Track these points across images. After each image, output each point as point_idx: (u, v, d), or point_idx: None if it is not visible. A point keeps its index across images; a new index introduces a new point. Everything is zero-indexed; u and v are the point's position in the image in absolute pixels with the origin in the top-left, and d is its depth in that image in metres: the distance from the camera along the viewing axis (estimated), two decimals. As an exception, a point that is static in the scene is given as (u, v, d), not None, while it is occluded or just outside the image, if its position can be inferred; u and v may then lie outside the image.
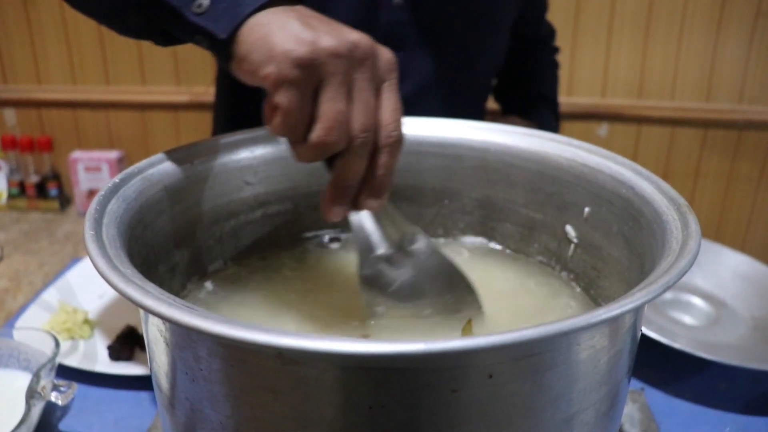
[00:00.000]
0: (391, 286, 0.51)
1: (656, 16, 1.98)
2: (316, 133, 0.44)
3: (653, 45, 2.01)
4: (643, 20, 1.98)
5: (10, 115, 2.42)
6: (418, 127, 0.64)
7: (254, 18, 0.45)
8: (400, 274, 0.52)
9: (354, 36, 0.44)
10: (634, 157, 2.05)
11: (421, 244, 0.53)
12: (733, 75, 2.00)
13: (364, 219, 0.51)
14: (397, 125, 0.46)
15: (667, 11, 1.97)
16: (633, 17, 1.99)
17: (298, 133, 0.45)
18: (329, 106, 0.43)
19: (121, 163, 2.38)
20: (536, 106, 1.16)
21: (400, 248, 0.53)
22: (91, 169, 2.35)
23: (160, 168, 0.52)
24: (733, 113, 2.03)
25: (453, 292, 0.53)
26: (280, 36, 0.43)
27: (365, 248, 0.51)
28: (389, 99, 0.46)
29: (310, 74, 0.43)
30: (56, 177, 2.43)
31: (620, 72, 2.05)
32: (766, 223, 2.14)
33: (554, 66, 1.22)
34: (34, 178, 2.41)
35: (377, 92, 0.46)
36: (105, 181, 2.31)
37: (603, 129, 2.11)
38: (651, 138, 2.08)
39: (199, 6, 0.47)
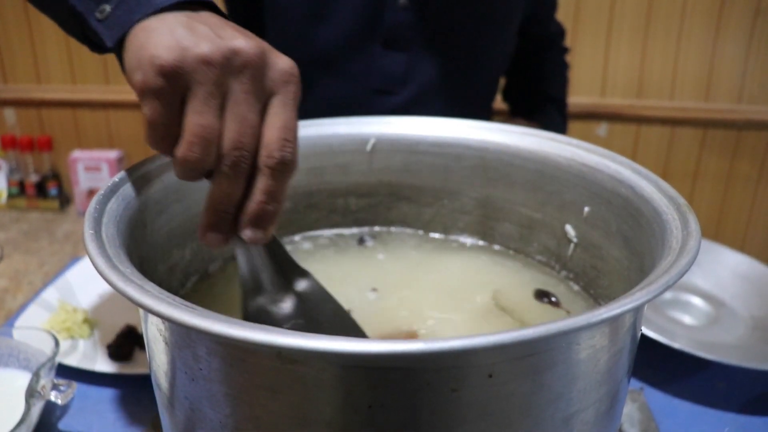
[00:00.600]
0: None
1: (655, 16, 1.98)
2: (179, 148, 0.40)
3: (652, 45, 2.01)
4: (642, 20, 1.98)
5: (9, 114, 2.42)
6: (416, 127, 0.64)
7: (143, 23, 0.42)
8: (288, 317, 0.47)
9: (239, 42, 0.39)
10: (633, 157, 2.05)
11: (311, 287, 0.48)
12: (733, 75, 2.00)
13: (248, 250, 0.45)
14: (283, 145, 0.40)
15: (667, 11, 1.97)
16: (632, 17, 1.99)
17: (166, 146, 0.41)
18: (193, 118, 0.39)
19: (121, 163, 2.38)
20: (544, 107, 1.16)
21: (289, 289, 0.48)
22: (90, 168, 2.35)
23: (160, 167, 0.52)
24: (733, 113, 2.03)
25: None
26: (155, 42, 0.39)
27: (249, 285, 0.46)
28: (278, 115, 0.41)
29: (174, 83, 0.39)
30: (56, 176, 2.43)
31: (619, 72, 2.05)
32: (765, 223, 2.14)
33: (563, 66, 1.21)
34: (33, 178, 2.41)
35: (263, 106, 0.41)
36: (105, 180, 2.31)
37: (602, 129, 2.11)
38: (650, 138, 2.08)
39: (101, 12, 0.44)
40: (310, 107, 0.94)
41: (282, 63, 0.41)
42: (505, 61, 1.07)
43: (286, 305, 0.47)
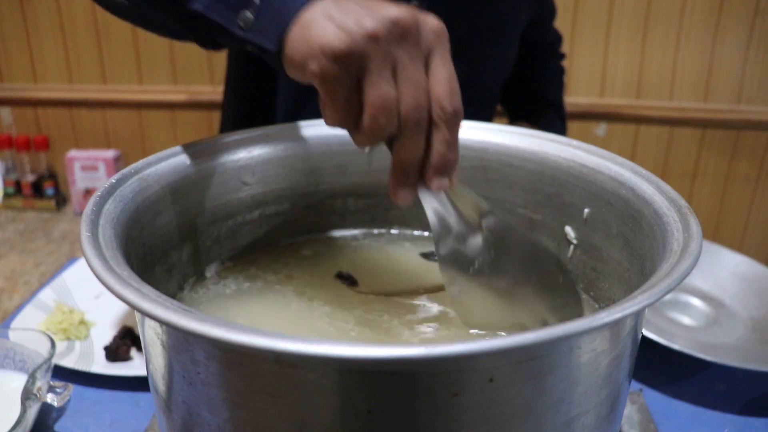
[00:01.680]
0: (472, 265, 0.50)
1: (654, 17, 1.98)
2: (365, 121, 0.43)
3: (651, 45, 2.01)
4: (641, 20, 1.98)
5: (6, 113, 2.41)
6: (416, 127, 0.64)
7: (296, 20, 0.44)
8: (479, 252, 0.50)
9: (392, 12, 0.42)
10: (632, 157, 2.06)
11: (496, 221, 0.51)
12: (731, 75, 2.01)
13: (435, 198, 0.48)
14: (451, 96, 0.44)
15: (666, 11, 1.97)
16: (631, 17, 1.99)
17: (349, 123, 0.44)
18: (372, 91, 0.42)
19: (118, 162, 2.38)
20: (544, 111, 1.16)
21: (476, 227, 0.50)
22: (87, 168, 2.34)
23: (158, 168, 0.51)
24: (731, 113, 2.03)
25: (538, 269, 0.51)
26: (318, 32, 0.42)
27: (439, 231, 0.49)
28: (439, 69, 0.44)
29: (349, 65, 0.41)
30: (52, 176, 2.43)
31: (618, 72, 2.05)
32: (764, 223, 2.15)
33: (561, 72, 1.22)
34: (30, 177, 2.40)
35: (426, 65, 0.44)
36: (102, 180, 2.31)
37: (601, 129, 2.11)
38: (649, 138, 2.08)
39: (245, 21, 0.47)
40: (313, 112, 0.94)
41: (431, 22, 0.44)
42: (508, 65, 1.06)
43: (476, 241, 0.49)
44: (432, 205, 0.48)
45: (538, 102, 1.18)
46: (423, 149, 0.45)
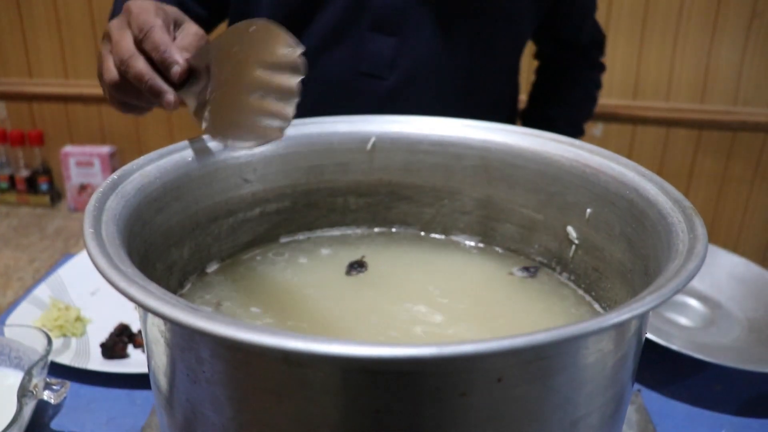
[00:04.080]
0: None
1: (652, 18, 1.98)
2: None
3: (648, 46, 2.01)
4: (638, 22, 1.99)
5: (0, 108, 2.39)
6: (417, 126, 0.64)
7: None
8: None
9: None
10: (628, 158, 2.05)
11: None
12: (728, 77, 2.01)
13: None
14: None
15: (663, 13, 1.97)
16: (629, 19, 2.00)
17: None
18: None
19: (113, 158, 2.37)
20: (538, 127, 1.10)
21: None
22: (82, 163, 2.33)
23: (159, 165, 0.51)
24: (728, 114, 2.04)
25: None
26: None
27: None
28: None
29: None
30: (47, 171, 2.41)
31: (616, 72, 2.05)
32: (759, 224, 2.16)
33: (582, 84, 1.10)
34: (24, 173, 2.39)
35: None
36: (97, 176, 2.30)
37: (598, 129, 2.12)
38: (646, 138, 2.09)
39: None
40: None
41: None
42: (515, 54, 1.00)
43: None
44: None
45: (546, 118, 1.08)
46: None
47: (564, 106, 1.09)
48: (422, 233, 0.67)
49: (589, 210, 0.56)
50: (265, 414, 0.34)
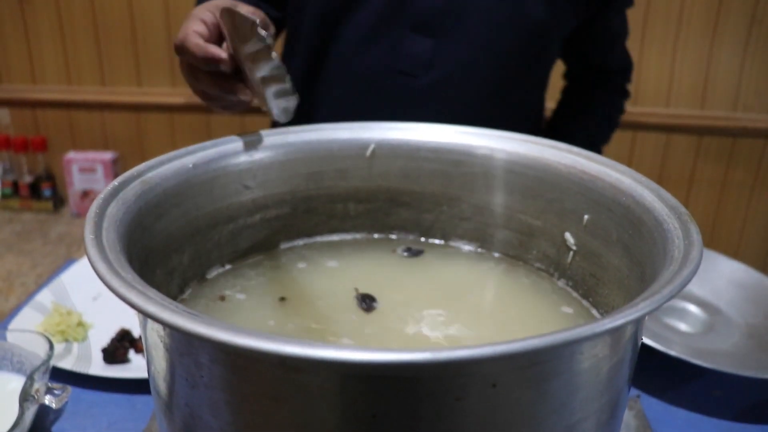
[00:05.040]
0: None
1: (652, 24, 1.99)
2: None
3: (649, 52, 2.02)
4: (638, 27, 1.99)
5: (4, 114, 2.41)
6: (416, 133, 0.64)
7: None
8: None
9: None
10: (628, 164, 2.05)
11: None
12: (728, 83, 2.02)
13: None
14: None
15: (663, 19, 1.98)
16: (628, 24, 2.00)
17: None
18: None
19: (116, 165, 2.38)
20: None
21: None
22: (85, 169, 2.34)
23: (160, 171, 0.52)
24: (728, 120, 2.04)
25: None
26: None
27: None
28: None
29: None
30: (50, 177, 2.42)
31: (616, 78, 2.05)
32: (760, 230, 2.16)
33: (605, 107, 1.11)
34: (27, 179, 2.40)
35: None
36: (99, 182, 2.30)
37: (598, 135, 2.12)
38: (646, 144, 2.09)
39: None
40: (336, 81, 0.97)
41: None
42: (544, 70, 1.02)
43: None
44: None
45: (564, 137, 1.09)
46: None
47: (584, 126, 1.11)
48: (422, 239, 0.67)
49: (586, 216, 0.56)
50: (263, 418, 0.35)
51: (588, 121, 1.11)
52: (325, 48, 0.96)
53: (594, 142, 1.11)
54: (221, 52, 0.61)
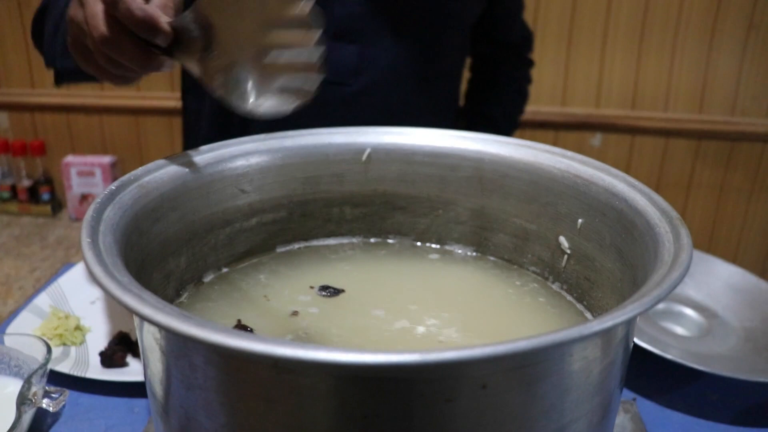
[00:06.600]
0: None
1: (650, 28, 1.99)
2: None
3: (647, 56, 2.02)
4: (637, 32, 2.00)
5: (2, 118, 2.41)
6: (412, 137, 0.64)
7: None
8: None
9: None
10: (627, 168, 2.07)
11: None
12: (726, 87, 2.02)
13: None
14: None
15: (661, 23, 1.98)
16: (627, 29, 2.01)
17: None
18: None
19: (115, 168, 2.38)
20: (475, 123, 1.14)
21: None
22: (84, 173, 2.34)
23: (156, 175, 0.52)
24: (726, 125, 2.05)
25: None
26: None
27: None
28: None
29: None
30: (49, 181, 2.42)
31: (614, 83, 2.06)
32: (758, 234, 2.16)
33: (515, 80, 1.17)
34: (26, 182, 2.40)
35: None
36: (98, 186, 2.31)
37: (596, 139, 2.12)
38: (644, 148, 2.09)
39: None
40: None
41: None
42: (461, 57, 1.06)
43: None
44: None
45: (472, 113, 1.15)
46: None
47: (501, 103, 1.16)
48: (417, 243, 0.68)
49: (580, 220, 0.56)
50: (257, 420, 0.35)
51: (502, 96, 1.16)
52: None
53: (511, 115, 1.17)
54: (164, 22, 0.52)
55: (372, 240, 0.68)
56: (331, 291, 0.59)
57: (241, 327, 0.53)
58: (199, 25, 0.52)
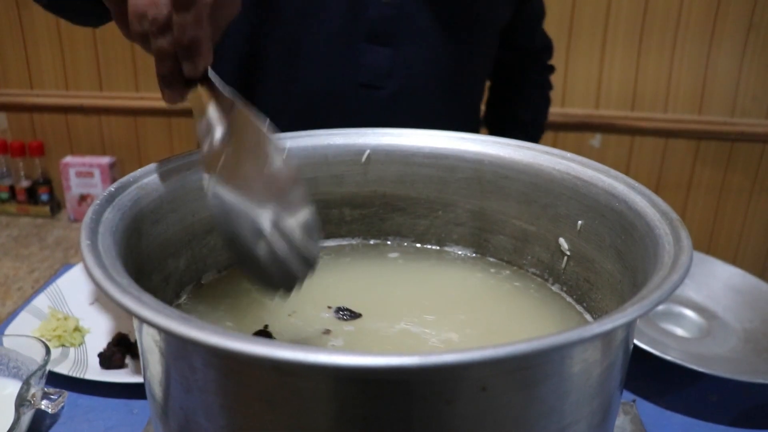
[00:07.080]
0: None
1: (649, 29, 2.00)
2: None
3: (646, 57, 2.02)
4: (636, 33, 2.00)
5: (1, 119, 2.41)
6: (411, 139, 0.64)
7: None
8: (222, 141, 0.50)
9: None
10: (627, 168, 2.07)
11: (240, 113, 0.51)
12: (726, 88, 2.02)
13: (203, 100, 0.50)
14: None
15: (661, 24, 1.99)
16: (627, 30, 2.01)
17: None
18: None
19: (113, 169, 2.38)
20: (506, 129, 1.15)
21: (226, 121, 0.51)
22: (82, 174, 2.34)
23: (156, 177, 0.52)
24: (726, 125, 2.05)
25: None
26: None
27: (203, 131, 0.50)
28: None
29: None
30: (47, 182, 2.42)
31: (614, 83, 2.07)
32: (758, 234, 2.16)
33: (539, 87, 1.19)
34: (24, 183, 2.40)
35: None
36: (97, 186, 2.31)
37: (596, 140, 2.13)
38: (644, 149, 2.10)
39: None
40: (298, 97, 0.96)
41: None
42: (489, 62, 1.07)
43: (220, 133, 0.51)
44: (199, 107, 0.50)
45: (503, 117, 1.17)
46: (170, 42, 0.47)
47: (529, 108, 1.18)
48: (417, 244, 0.68)
49: (580, 222, 0.56)
50: (256, 422, 0.35)
51: (527, 101, 1.18)
52: (284, 68, 0.95)
53: (539, 121, 1.18)
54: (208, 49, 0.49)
55: (371, 241, 0.68)
56: (349, 313, 0.57)
57: (264, 333, 0.52)
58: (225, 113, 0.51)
